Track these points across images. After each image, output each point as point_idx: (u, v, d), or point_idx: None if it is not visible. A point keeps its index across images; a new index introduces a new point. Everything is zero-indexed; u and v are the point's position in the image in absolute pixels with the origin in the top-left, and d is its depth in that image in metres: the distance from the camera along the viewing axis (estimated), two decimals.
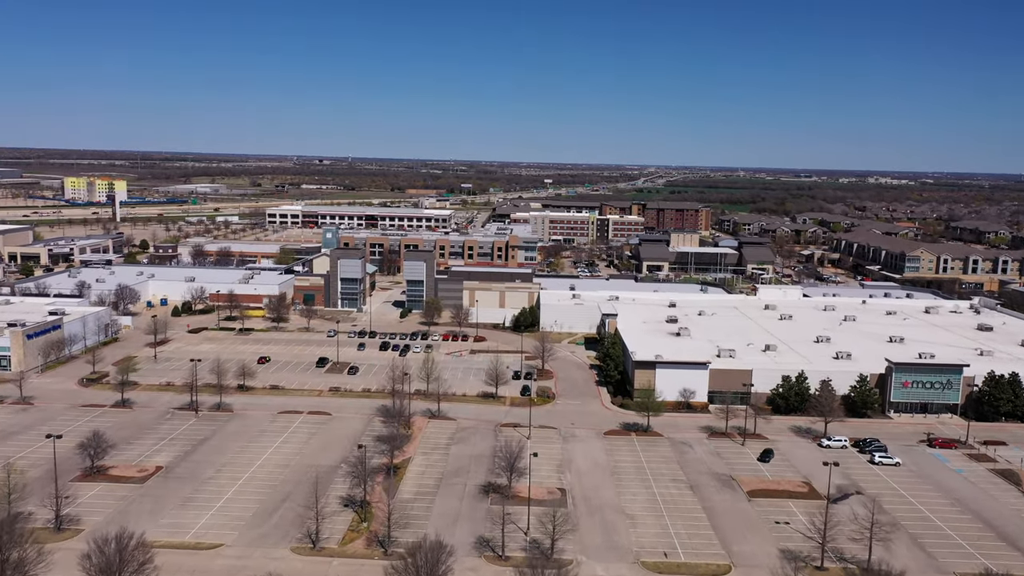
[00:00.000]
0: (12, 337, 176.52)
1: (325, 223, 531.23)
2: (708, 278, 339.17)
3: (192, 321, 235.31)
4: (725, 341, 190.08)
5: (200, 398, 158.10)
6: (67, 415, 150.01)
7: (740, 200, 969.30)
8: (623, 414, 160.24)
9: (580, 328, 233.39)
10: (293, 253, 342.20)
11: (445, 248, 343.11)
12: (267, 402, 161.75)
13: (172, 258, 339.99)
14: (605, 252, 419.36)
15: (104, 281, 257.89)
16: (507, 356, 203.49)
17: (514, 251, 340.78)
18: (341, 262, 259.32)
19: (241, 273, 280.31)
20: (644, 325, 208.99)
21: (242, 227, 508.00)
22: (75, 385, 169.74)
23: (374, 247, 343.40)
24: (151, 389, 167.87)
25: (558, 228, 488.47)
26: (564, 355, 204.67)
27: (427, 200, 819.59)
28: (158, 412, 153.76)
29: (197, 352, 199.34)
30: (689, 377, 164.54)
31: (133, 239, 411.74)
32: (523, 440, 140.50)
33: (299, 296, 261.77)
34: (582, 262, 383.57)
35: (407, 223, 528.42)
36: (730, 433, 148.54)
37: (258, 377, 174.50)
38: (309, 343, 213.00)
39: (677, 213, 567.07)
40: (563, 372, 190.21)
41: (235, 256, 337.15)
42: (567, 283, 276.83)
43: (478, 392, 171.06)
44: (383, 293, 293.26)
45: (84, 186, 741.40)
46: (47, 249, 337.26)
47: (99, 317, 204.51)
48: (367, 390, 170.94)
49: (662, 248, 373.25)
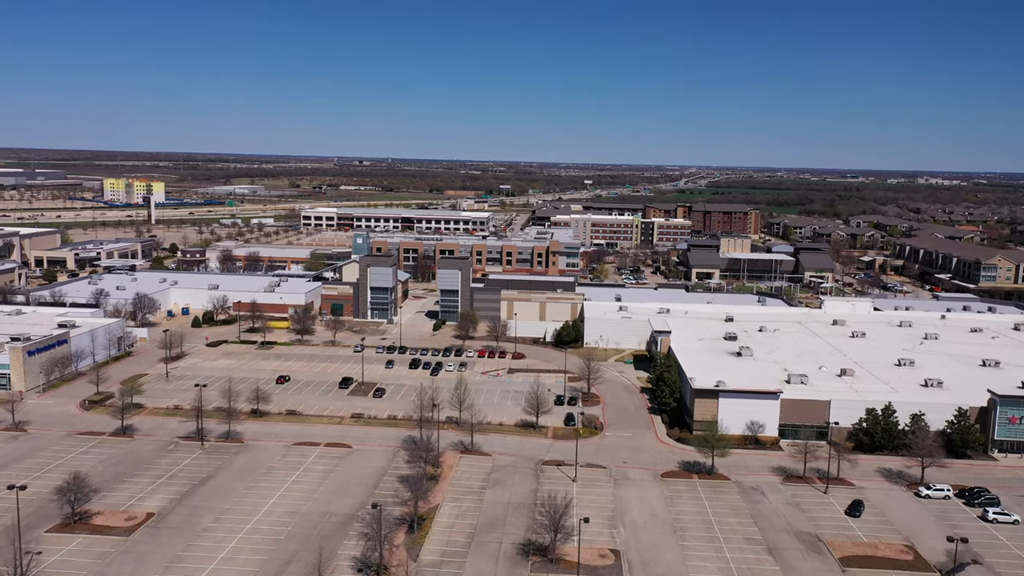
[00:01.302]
0: (12, 354, 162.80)
1: (360, 225, 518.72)
2: (762, 287, 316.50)
3: (212, 333, 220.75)
4: (793, 363, 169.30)
5: (208, 425, 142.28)
6: (60, 445, 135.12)
7: (786, 202, 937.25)
8: (682, 450, 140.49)
9: (628, 344, 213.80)
10: (324, 258, 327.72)
11: (482, 253, 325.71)
12: (282, 431, 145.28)
13: (200, 263, 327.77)
14: (650, 257, 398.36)
15: (124, 289, 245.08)
16: (548, 376, 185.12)
17: (555, 257, 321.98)
18: (371, 270, 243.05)
19: (267, 280, 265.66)
20: (700, 343, 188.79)
21: (276, 230, 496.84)
22: (76, 408, 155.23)
23: (408, 252, 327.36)
24: (157, 413, 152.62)
25: (600, 231, 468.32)
26: (611, 376, 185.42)
27: (465, 202, 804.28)
28: (160, 442, 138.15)
29: (213, 369, 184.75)
30: (757, 408, 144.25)
31: (163, 242, 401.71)
32: (569, 490, 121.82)
33: (326, 306, 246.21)
34: (626, 268, 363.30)
35: (444, 226, 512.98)
36: (809, 478, 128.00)
37: (274, 401, 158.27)
38: (334, 359, 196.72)
39: (724, 216, 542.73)
40: (611, 396, 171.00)
41: (264, 261, 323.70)
42: (612, 293, 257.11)
43: (516, 421, 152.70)
44: (416, 302, 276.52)
45: (123, 188, 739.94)
46: (73, 253, 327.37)
47: (110, 330, 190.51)
48: (393, 417, 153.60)
49: (712, 254, 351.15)
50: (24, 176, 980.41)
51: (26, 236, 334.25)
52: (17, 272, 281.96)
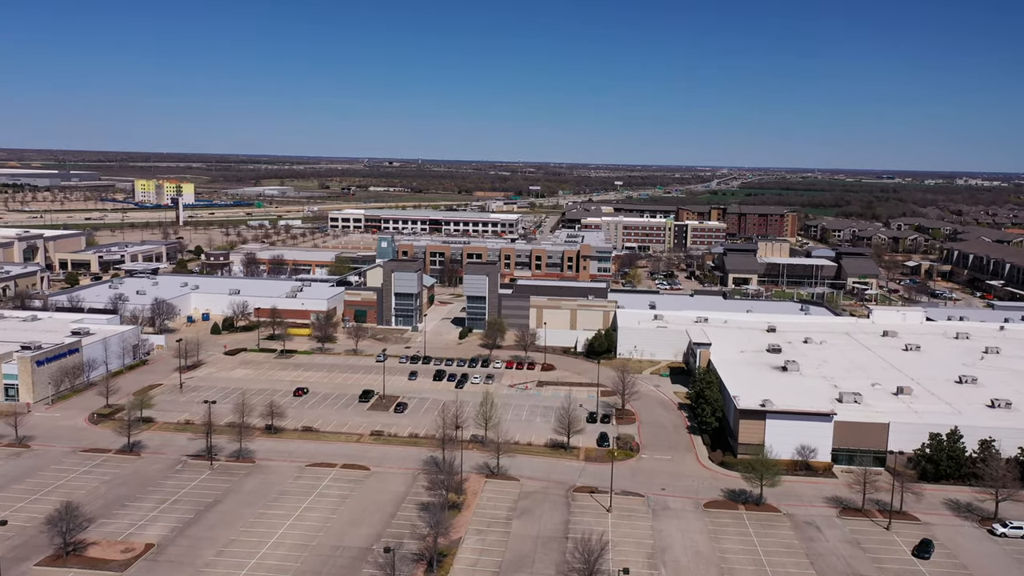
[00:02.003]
0: (20, 364, 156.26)
1: (388, 228, 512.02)
2: (803, 293, 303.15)
3: (231, 340, 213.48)
4: (844, 380, 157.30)
5: (220, 442, 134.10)
6: (63, 463, 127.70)
7: (822, 203, 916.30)
8: (725, 476, 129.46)
9: (664, 355, 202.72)
10: (349, 262, 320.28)
11: (511, 257, 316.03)
12: (296, 449, 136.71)
13: (224, 266, 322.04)
14: (684, 261, 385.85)
15: (144, 293, 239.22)
16: (580, 390, 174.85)
17: (586, 261, 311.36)
18: (395, 275, 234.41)
19: (290, 285, 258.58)
20: (742, 356, 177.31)
21: (303, 232, 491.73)
22: (84, 422, 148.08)
23: (434, 256, 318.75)
24: (167, 428, 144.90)
25: (632, 234, 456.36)
26: (647, 390, 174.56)
27: (494, 203, 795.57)
28: (168, 461, 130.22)
29: (229, 380, 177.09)
30: (808, 431, 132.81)
31: (189, 245, 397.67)
32: (603, 523, 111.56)
33: (349, 312, 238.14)
34: (660, 273, 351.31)
35: (472, 228, 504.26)
36: (868, 511, 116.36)
37: (290, 416, 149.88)
38: (355, 369, 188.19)
39: (760, 218, 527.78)
40: (647, 414, 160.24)
41: (288, 265, 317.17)
42: (646, 300, 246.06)
43: (546, 440, 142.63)
44: (442, 308, 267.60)
45: (153, 189, 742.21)
46: (97, 256, 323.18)
47: (124, 338, 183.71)
48: (414, 435, 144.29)
49: (749, 258, 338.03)
50: (59, 177, 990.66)
51: (51, 238, 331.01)
52: (39, 275, 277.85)
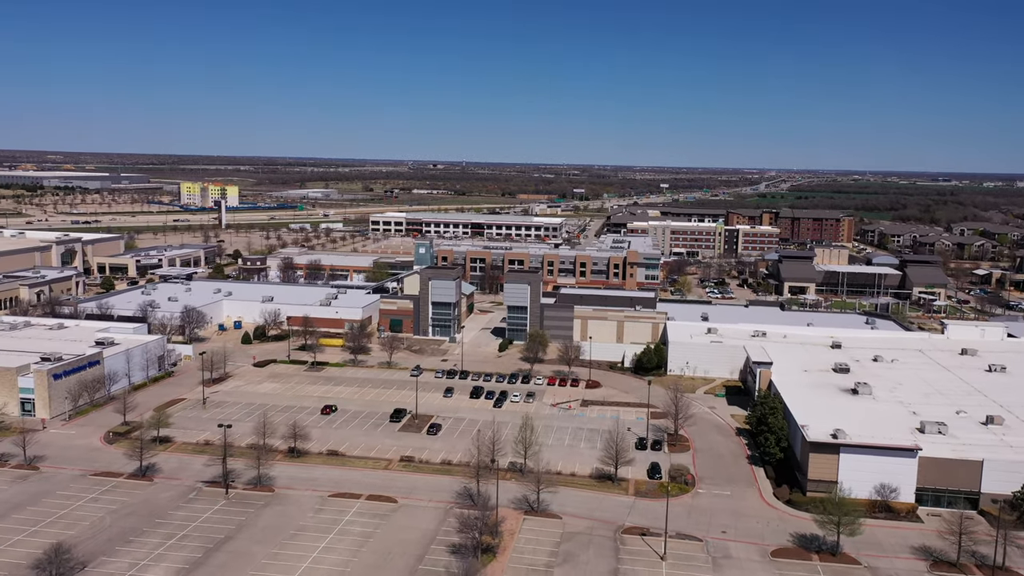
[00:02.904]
0: (36, 378, 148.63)
1: (429, 231, 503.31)
2: (865, 304, 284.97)
3: (261, 351, 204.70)
4: (923, 406, 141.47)
5: (238, 466, 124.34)
6: (70, 489, 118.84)
7: (876, 207, 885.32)
8: (794, 518, 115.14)
9: (718, 372, 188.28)
10: (387, 267, 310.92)
11: (554, 264, 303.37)
12: (320, 476, 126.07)
13: (260, 271, 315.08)
14: (735, 268, 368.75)
15: (176, 300, 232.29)
16: (628, 411, 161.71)
17: (633, 268, 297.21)
18: (433, 283, 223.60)
19: (324, 292, 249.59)
20: (806, 376, 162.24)
21: (343, 235, 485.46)
22: (99, 440, 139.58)
23: (475, 262, 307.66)
24: (184, 449, 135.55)
25: (680, 239, 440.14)
26: (701, 412, 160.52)
27: (537, 206, 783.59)
28: (182, 488, 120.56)
29: (255, 395, 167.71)
30: (888, 467, 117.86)
31: (227, 248, 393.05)
32: (657, 574, 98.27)
33: (385, 322, 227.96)
34: (710, 281, 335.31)
35: (515, 232, 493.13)
36: (964, 565, 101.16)
37: (315, 437, 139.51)
38: (388, 385, 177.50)
39: (815, 223, 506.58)
40: (702, 440, 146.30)
41: (325, 270, 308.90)
42: (698, 311, 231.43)
43: (591, 470, 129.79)
44: (481, 317, 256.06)
45: (198, 192, 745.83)
46: (135, 260, 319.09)
47: (148, 349, 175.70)
48: (447, 462, 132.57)
49: (806, 266, 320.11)
50: (109, 180, 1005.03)
51: (89, 242, 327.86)
52: (74, 280, 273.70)
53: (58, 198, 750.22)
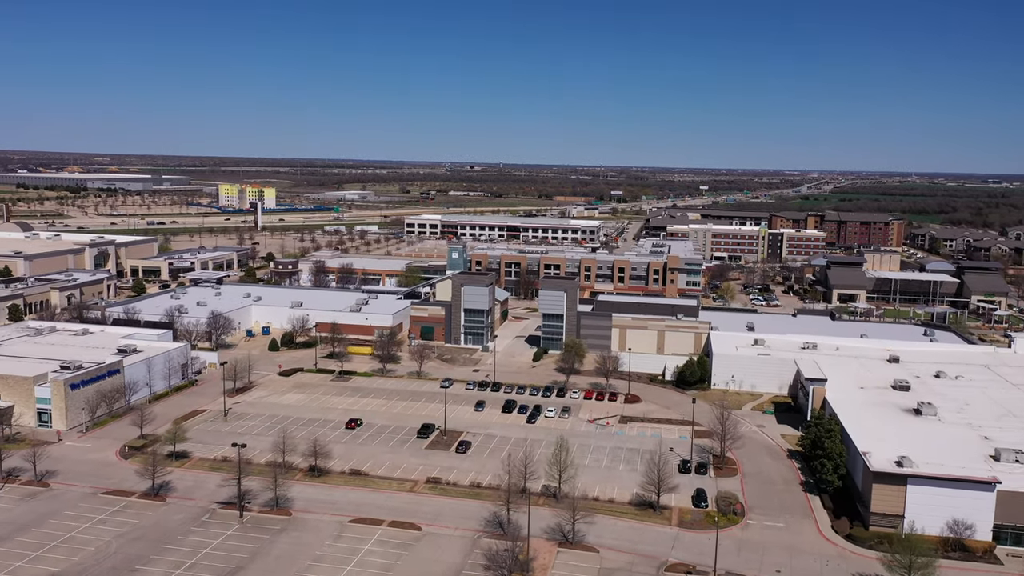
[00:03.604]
0: (53, 387, 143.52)
1: (464, 234, 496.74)
2: (919, 313, 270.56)
3: (288, 359, 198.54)
4: (995, 429, 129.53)
5: (255, 486, 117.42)
6: (78, 509, 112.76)
7: (924, 209, 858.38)
8: (856, 555, 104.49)
9: (766, 387, 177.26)
10: (420, 272, 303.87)
11: (591, 269, 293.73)
12: (341, 498, 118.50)
13: (292, 275, 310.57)
14: (780, 274, 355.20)
15: (205, 304, 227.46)
16: (669, 429, 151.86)
17: (673, 274, 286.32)
18: (465, 290, 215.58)
19: (355, 298, 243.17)
20: (862, 394, 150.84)
21: (378, 238, 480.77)
22: (115, 455, 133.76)
23: (509, 266, 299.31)
24: (201, 466, 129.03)
25: (721, 243, 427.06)
26: (749, 431, 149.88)
27: (574, 208, 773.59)
28: (195, 509, 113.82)
29: (279, 406, 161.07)
30: (962, 501, 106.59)
31: (261, 251, 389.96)
32: None
33: (415, 329, 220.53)
34: (754, 287, 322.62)
35: (551, 235, 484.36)
36: None
37: (338, 454, 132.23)
38: (416, 397, 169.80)
39: (862, 226, 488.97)
40: (751, 463, 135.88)
41: (357, 274, 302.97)
42: (742, 320, 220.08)
43: (631, 497, 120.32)
44: (516, 325, 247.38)
45: (236, 193, 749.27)
46: (168, 263, 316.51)
47: (171, 357, 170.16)
48: (476, 485, 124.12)
49: (856, 272, 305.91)
50: (151, 182, 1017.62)
51: (122, 244, 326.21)
52: (105, 283, 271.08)
53: (100, 200, 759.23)
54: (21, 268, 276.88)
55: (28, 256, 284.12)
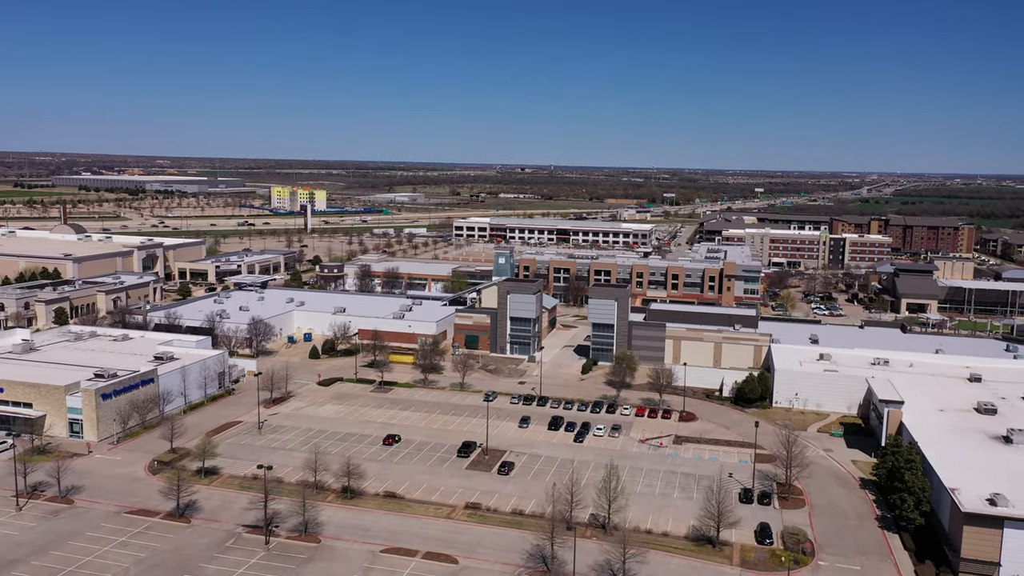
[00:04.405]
0: (84, 397, 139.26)
1: (513, 237, 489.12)
2: (997, 325, 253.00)
3: (328, 367, 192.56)
4: None
5: (284, 508, 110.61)
6: (100, 530, 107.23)
7: (993, 213, 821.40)
8: None
9: (833, 406, 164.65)
10: (466, 277, 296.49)
11: (643, 275, 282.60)
12: (373, 524, 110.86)
13: (337, 279, 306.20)
14: (843, 281, 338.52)
15: (247, 309, 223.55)
16: (728, 451, 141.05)
17: (730, 281, 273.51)
18: (511, 297, 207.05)
19: (399, 304, 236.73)
20: (943, 418, 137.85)
21: (426, 241, 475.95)
22: (143, 469, 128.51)
23: (558, 272, 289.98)
24: (230, 484, 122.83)
25: (780, 249, 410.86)
26: (816, 457, 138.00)
27: (626, 211, 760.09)
28: (220, 533, 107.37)
29: (315, 419, 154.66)
30: None
31: (308, 254, 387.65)
32: None
33: (460, 337, 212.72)
34: (815, 295, 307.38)
35: (602, 238, 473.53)
36: None
37: (373, 474, 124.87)
38: (458, 411, 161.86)
39: (930, 231, 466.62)
40: (820, 493, 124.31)
41: (403, 279, 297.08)
42: (805, 332, 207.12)
43: (687, 529, 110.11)
44: (564, 333, 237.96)
45: (288, 195, 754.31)
46: (215, 266, 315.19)
47: (207, 365, 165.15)
48: (518, 512, 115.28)
49: (927, 281, 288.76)
50: (207, 184, 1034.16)
51: (171, 247, 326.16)
52: (152, 286, 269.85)
53: (156, 202, 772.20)
54: (70, 271, 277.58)
55: (77, 259, 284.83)
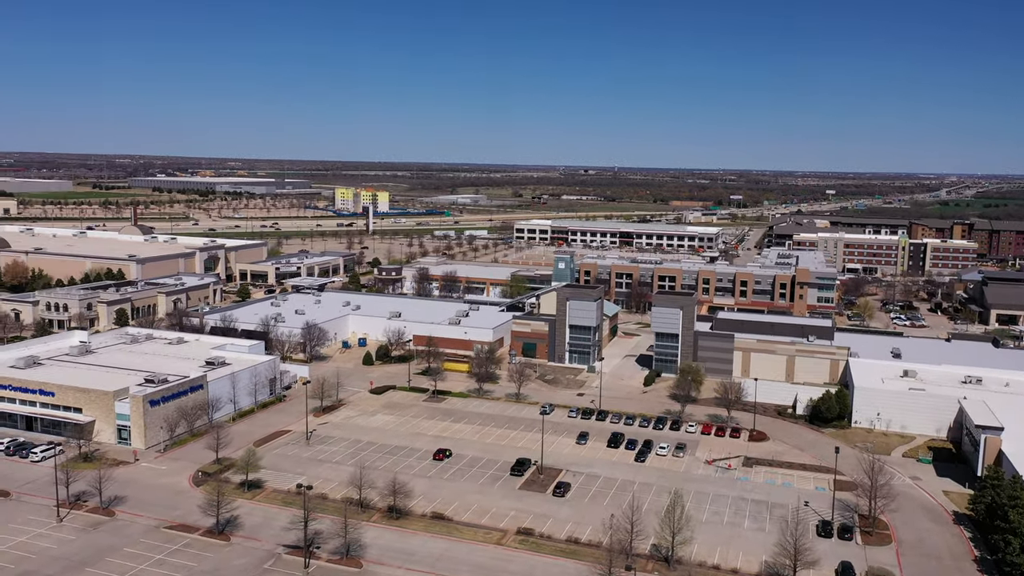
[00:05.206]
0: (132, 404, 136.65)
1: (575, 240, 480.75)
2: None
3: (381, 374, 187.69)
4: None
5: (326, 527, 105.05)
6: (138, 546, 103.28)
7: None
8: None
9: (919, 428, 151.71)
10: (525, 281, 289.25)
11: (710, 282, 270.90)
12: (419, 547, 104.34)
13: (395, 282, 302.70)
14: (924, 289, 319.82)
15: (303, 313, 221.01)
16: (803, 476, 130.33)
17: (803, 289, 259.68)
18: (571, 304, 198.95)
19: (455, 309, 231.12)
20: None
21: (486, 243, 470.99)
22: (187, 481, 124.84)
23: (620, 277, 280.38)
24: (273, 499, 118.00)
25: (854, 254, 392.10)
26: (902, 486, 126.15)
27: (691, 214, 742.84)
28: (260, 553, 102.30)
29: (365, 429, 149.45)
30: None
31: (370, 256, 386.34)
32: None
33: (517, 345, 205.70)
34: (894, 304, 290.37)
35: (666, 242, 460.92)
36: None
37: (421, 492, 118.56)
38: (513, 424, 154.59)
39: (1019, 236, 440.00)
40: (908, 528, 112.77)
41: (461, 283, 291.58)
42: (885, 345, 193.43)
43: (759, 566, 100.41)
44: (626, 342, 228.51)
45: (351, 197, 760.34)
46: (275, 268, 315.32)
47: (258, 372, 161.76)
48: (574, 540, 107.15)
49: (1019, 290, 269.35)
50: (274, 186, 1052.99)
51: (232, 249, 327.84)
52: (212, 288, 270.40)
53: (224, 203, 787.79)
54: (133, 271, 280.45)
55: (141, 260, 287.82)
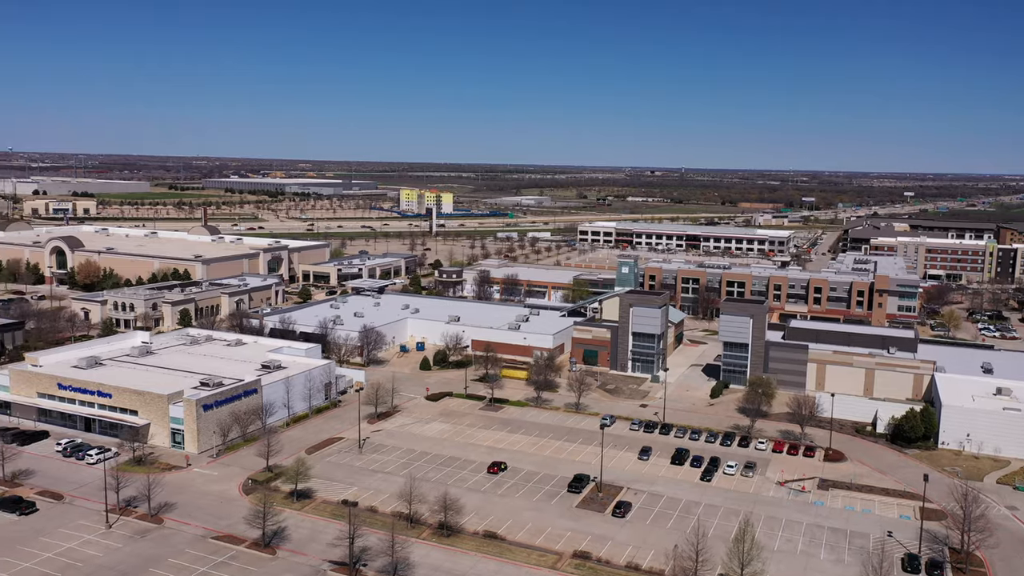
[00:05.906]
0: (186, 408, 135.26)
1: (639, 243, 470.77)
2: None
3: (437, 380, 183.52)
4: None
5: (373, 542, 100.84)
6: (183, 556, 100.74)
7: None
8: None
9: (1014, 451, 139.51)
10: (588, 285, 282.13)
11: (781, 288, 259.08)
12: (469, 569, 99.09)
13: (456, 284, 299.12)
14: (1014, 297, 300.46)
15: (362, 316, 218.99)
16: (885, 502, 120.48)
17: (882, 296, 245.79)
18: (635, 310, 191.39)
19: (515, 314, 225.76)
20: None
21: (549, 246, 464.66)
22: (237, 488, 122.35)
23: (686, 282, 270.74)
24: (322, 511, 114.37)
25: (937, 260, 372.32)
26: (998, 516, 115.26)
27: (761, 216, 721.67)
28: (304, 569, 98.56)
29: (420, 438, 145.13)
30: None
31: (430, 258, 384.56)
32: None
33: (577, 352, 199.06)
34: (980, 313, 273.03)
35: (734, 245, 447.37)
36: None
37: (473, 508, 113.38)
38: (572, 436, 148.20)
39: None
40: (1006, 565, 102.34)
41: (522, 286, 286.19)
42: (975, 358, 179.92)
43: None
44: (692, 350, 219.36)
45: (416, 198, 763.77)
46: (337, 269, 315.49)
47: (313, 376, 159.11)
48: (634, 566, 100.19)
49: None
50: (341, 187, 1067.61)
51: (295, 250, 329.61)
52: (274, 289, 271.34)
53: (292, 204, 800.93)
54: (199, 272, 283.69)
55: (206, 260, 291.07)
